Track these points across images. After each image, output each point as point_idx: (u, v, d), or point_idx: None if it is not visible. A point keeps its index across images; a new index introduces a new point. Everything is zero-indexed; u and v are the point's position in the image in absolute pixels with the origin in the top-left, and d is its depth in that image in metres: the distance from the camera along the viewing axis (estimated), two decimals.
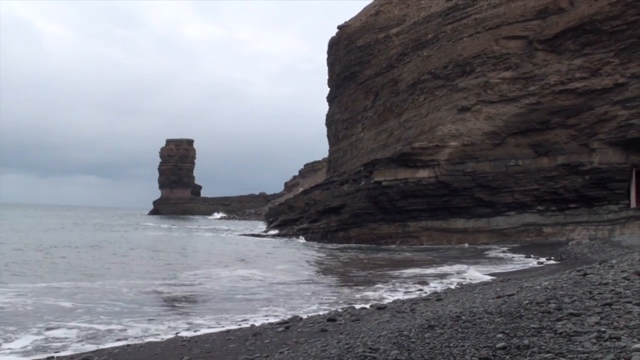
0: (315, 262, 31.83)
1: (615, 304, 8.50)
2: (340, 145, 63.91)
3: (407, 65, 52.80)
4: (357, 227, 48.99)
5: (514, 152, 43.69)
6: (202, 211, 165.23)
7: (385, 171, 46.64)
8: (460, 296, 13.65)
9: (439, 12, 51.27)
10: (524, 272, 22.50)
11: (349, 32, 62.62)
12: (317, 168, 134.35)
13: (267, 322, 13.27)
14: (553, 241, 40.41)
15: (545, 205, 43.43)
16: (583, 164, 41.85)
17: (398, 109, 52.74)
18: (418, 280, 20.98)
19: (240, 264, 28.73)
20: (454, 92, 46.74)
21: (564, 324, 7.66)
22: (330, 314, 13.30)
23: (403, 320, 10.53)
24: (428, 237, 45.37)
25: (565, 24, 41.95)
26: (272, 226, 66.61)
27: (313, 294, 19.02)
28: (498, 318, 8.54)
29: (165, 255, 35.04)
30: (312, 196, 60.07)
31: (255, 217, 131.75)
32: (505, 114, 43.71)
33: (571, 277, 12.14)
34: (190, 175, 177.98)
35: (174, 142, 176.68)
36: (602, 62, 40.64)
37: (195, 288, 20.18)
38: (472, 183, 44.07)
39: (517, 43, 44.26)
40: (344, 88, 63.11)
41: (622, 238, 34.51)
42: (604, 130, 41.20)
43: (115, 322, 14.05)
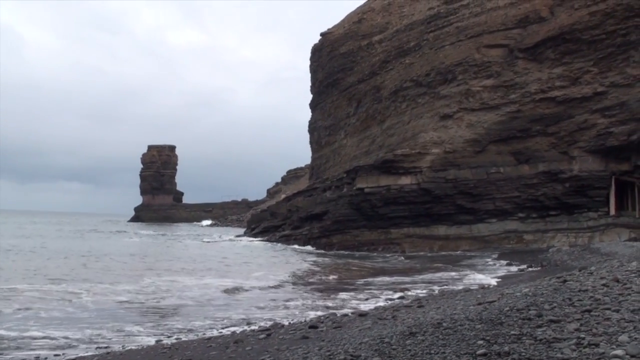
0: (303, 268, 31.77)
1: (594, 311, 8.58)
2: (322, 152, 63.95)
3: (389, 72, 53.03)
4: (339, 234, 49.01)
5: (495, 160, 43.99)
6: (184, 218, 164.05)
7: (367, 178, 46.73)
8: (442, 303, 13.69)
9: (421, 20, 51.58)
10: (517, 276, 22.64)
11: (332, 39, 62.78)
12: (300, 175, 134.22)
13: (249, 329, 13.20)
14: (534, 248, 40.69)
15: (526, 212, 43.75)
16: (563, 171, 42.24)
17: (380, 116, 52.92)
18: (399, 287, 21.02)
19: (212, 272, 28.55)
20: (436, 100, 47.00)
21: (544, 330, 7.72)
22: (312, 321, 13.27)
23: (384, 327, 10.54)
24: (410, 243, 45.50)
25: (546, 33, 42.39)
26: (254, 233, 66.42)
27: (272, 300, 18.98)
28: (479, 325, 8.58)
29: (157, 263, 34.80)
30: (294, 203, 60.03)
31: (238, 223, 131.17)
32: (487, 122, 44.02)
33: (551, 284, 12.23)
34: (172, 181, 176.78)
35: (155, 148, 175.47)
36: (581, 71, 41.10)
37: (166, 297, 20.02)
38: (454, 190, 44.28)
39: (498, 51, 44.64)
40: (326, 95, 63.21)
41: (601, 245, 34.80)
42: (583, 138, 41.63)
43: (89, 329, 13.91)
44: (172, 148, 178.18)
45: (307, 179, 79.96)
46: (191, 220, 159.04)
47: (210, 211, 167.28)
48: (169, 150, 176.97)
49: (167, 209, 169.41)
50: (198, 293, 20.57)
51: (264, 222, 67.31)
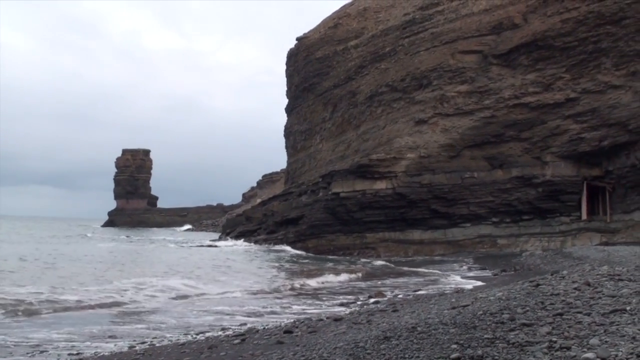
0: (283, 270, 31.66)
1: (566, 314, 8.66)
2: (298, 157, 63.95)
3: (365, 77, 53.26)
4: (315, 238, 49.00)
5: (470, 165, 44.35)
6: (159, 222, 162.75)
7: (343, 182, 46.81)
8: (416, 307, 13.73)
9: (397, 26, 51.93)
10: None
11: (308, 44, 62.89)
12: (276, 179, 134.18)
13: (224, 335, 13.12)
14: (507, 252, 41.06)
15: (500, 217, 44.16)
16: (536, 176, 42.73)
17: (356, 121, 53.10)
18: (374, 291, 21.06)
19: (188, 276, 28.31)
20: (411, 105, 47.30)
21: (516, 334, 7.77)
22: (286, 326, 13.23)
23: (359, 331, 10.54)
24: (385, 248, 45.64)
25: (519, 40, 42.91)
26: (229, 237, 66.10)
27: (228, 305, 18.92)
28: (453, 329, 8.61)
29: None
30: (270, 207, 59.91)
31: (213, 228, 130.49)
32: (461, 127, 44.39)
33: (524, 288, 12.33)
34: (147, 185, 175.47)
35: (130, 152, 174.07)
36: (554, 77, 41.66)
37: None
38: (429, 195, 44.55)
39: (472, 57, 45.08)
40: (302, 99, 63.27)
41: (573, 249, 35.22)
42: (556, 143, 42.17)
43: (57, 334, 13.71)
44: (146, 152, 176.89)
45: (283, 183, 79.89)
46: (165, 225, 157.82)
47: (185, 216, 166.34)
48: (144, 154, 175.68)
49: (141, 214, 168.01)
50: (172, 298, 20.39)
51: (240, 226, 67.02)
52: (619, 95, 39.32)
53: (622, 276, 12.90)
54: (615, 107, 39.45)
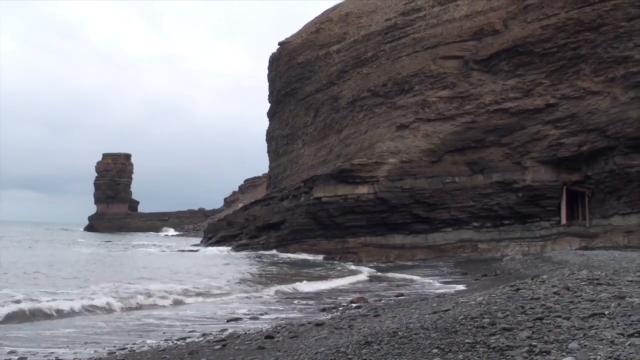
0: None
1: (545, 319, 8.72)
2: (280, 161, 63.91)
3: (347, 82, 53.39)
4: (296, 243, 48.95)
5: (451, 170, 44.58)
6: (140, 227, 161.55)
7: (325, 187, 46.84)
8: (398, 312, 13.75)
9: (379, 31, 52.14)
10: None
11: (290, 49, 62.92)
12: (257, 184, 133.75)
13: (205, 340, 13.04)
14: (488, 257, 41.28)
15: (481, 221, 44.42)
16: (516, 181, 43.05)
17: (338, 126, 53.19)
18: (356, 296, 21.06)
19: (169, 281, 28.13)
20: (393, 110, 47.47)
21: (497, 338, 7.81)
22: (268, 331, 13.19)
23: (341, 336, 10.53)
24: (367, 252, 45.69)
25: (500, 46, 43.26)
26: (210, 242, 65.84)
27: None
28: (434, 333, 8.64)
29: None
30: (251, 212, 59.77)
31: (194, 232, 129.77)
32: (442, 132, 44.63)
33: (504, 292, 12.41)
34: (128, 190, 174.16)
35: (110, 156, 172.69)
36: (534, 83, 42.04)
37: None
38: (410, 199, 44.71)
39: (453, 63, 45.36)
40: (284, 104, 63.26)
41: (553, 254, 35.52)
42: (536, 149, 42.53)
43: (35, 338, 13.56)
44: (127, 156, 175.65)
45: (265, 188, 79.77)
46: (146, 230, 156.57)
47: (166, 220, 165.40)
48: (125, 158, 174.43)
49: (121, 218, 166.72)
50: (151, 303, 20.24)
51: (221, 231, 66.80)
52: (598, 101, 39.76)
53: (601, 280, 13.04)
54: (594, 112, 39.89)
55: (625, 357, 6.46)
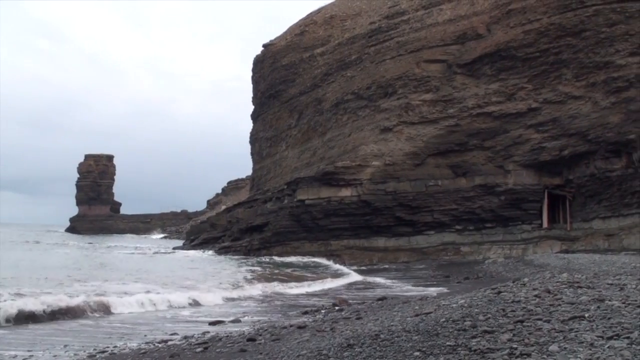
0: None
1: (526, 321, 8.78)
2: (264, 163, 63.80)
3: (331, 85, 53.43)
4: (279, 246, 48.86)
5: (434, 173, 44.75)
6: (122, 229, 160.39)
7: (308, 190, 46.82)
8: (380, 314, 13.77)
9: (363, 34, 52.26)
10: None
11: (274, 51, 62.86)
12: (241, 186, 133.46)
13: (186, 343, 12.99)
14: (470, 260, 41.49)
15: (463, 224, 44.62)
16: (499, 184, 43.31)
17: (322, 128, 53.21)
18: (339, 298, 21.06)
19: (151, 284, 27.95)
20: (377, 113, 47.58)
21: (478, 341, 7.85)
22: (250, 334, 13.15)
23: (323, 339, 10.53)
24: (350, 255, 45.72)
25: (483, 50, 43.52)
26: (193, 244, 65.56)
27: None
28: (415, 336, 8.66)
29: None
30: (234, 214, 59.59)
31: (177, 235, 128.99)
32: (426, 135, 44.80)
33: (486, 295, 12.47)
34: (110, 191, 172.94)
35: (93, 157, 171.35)
36: (516, 87, 42.33)
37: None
38: (393, 202, 44.81)
39: (437, 66, 45.57)
40: (268, 106, 63.18)
41: (534, 257, 35.76)
42: (518, 152, 42.82)
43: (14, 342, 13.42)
44: (109, 158, 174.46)
45: (248, 190, 79.57)
46: (128, 232, 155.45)
47: (149, 222, 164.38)
48: (107, 159, 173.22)
49: (103, 220, 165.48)
50: (133, 306, 20.09)
51: (204, 233, 66.51)
52: (579, 106, 40.12)
53: (581, 283, 13.15)
54: (575, 117, 40.25)
55: (604, 359, 6.52)
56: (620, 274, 17.07)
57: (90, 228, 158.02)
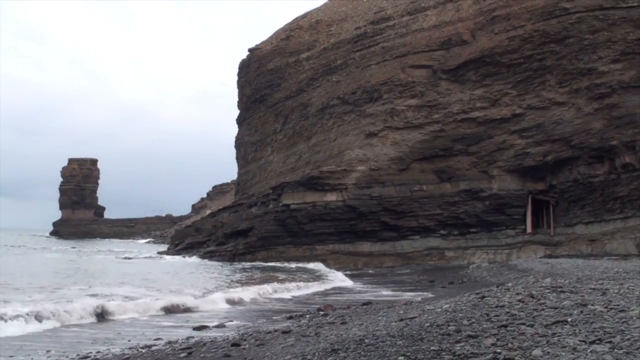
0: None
1: (510, 326, 8.81)
2: (249, 168, 63.69)
3: (316, 89, 53.49)
4: (264, 250, 48.77)
5: (419, 178, 44.90)
6: (105, 233, 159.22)
7: (293, 194, 46.80)
8: (365, 319, 13.77)
9: (348, 39, 52.40)
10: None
11: (260, 55, 62.86)
12: (226, 190, 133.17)
13: (170, 348, 12.91)
14: (455, 264, 41.62)
15: (448, 229, 44.79)
16: (483, 190, 43.53)
17: (307, 133, 53.24)
18: (324, 303, 21.04)
19: (135, 288, 27.79)
20: (362, 118, 47.69)
21: (462, 345, 7.87)
22: (234, 339, 13.10)
23: (307, 344, 10.51)
24: (335, 260, 45.72)
25: (467, 56, 43.78)
26: (177, 249, 65.25)
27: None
28: (400, 341, 8.67)
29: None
30: (219, 218, 59.43)
31: (161, 239, 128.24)
32: (411, 140, 44.95)
33: (470, 300, 12.52)
34: (94, 195, 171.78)
35: (76, 161, 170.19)
36: (500, 93, 42.60)
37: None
38: (379, 207, 44.89)
39: (422, 72, 45.77)
40: (253, 110, 63.12)
41: (518, 261, 35.98)
42: (502, 158, 43.08)
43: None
44: (93, 161, 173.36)
45: (233, 194, 79.36)
46: (112, 236, 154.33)
47: (133, 226, 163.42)
48: (91, 163, 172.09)
49: (87, 224, 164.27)
50: (118, 311, 19.94)
51: (188, 238, 66.24)
52: (562, 112, 40.46)
53: (564, 288, 13.23)
54: (558, 123, 40.57)
55: None
56: (603, 278, 17.21)
57: (73, 232, 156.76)
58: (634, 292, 12.20)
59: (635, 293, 11.95)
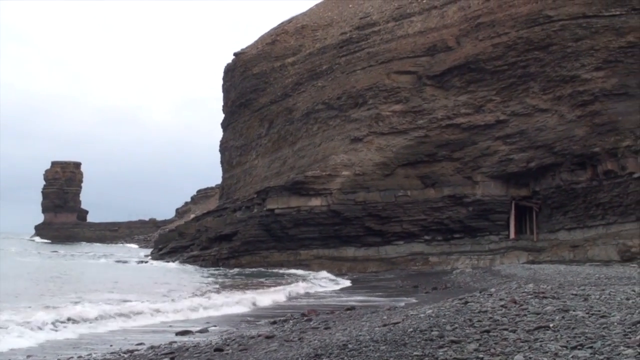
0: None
1: (493, 331, 8.86)
2: (233, 172, 63.53)
3: (301, 94, 53.52)
4: (249, 255, 48.66)
5: (403, 183, 45.01)
6: (88, 237, 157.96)
7: (278, 199, 46.74)
8: (349, 324, 13.78)
9: (334, 45, 52.49)
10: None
11: (245, 60, 62.80)
12: (210, 194, 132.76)
13: (152, 353, 12.83)
14: (439, 270, 41.74)
15: (432, 235, 44.92)
16: (467, 195, 43.71)
17: (292, 138, 53.22)
18: (307, 309, 21.00)
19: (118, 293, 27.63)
20: (347, 123, 47.76)
21: (445, 351, 7.90)
22: (217, 344, 13.05)
23: (291, 349, 10.50)
24: (319, 265, 45.72)
25: (452, 62, 44.00)
26: (161, 253, 64.91)
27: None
28: (383, 346, 8.68)
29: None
30: (203, 223, 59.20)
31: (145, 243, 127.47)
32: (396, 146, 45.06)
33: (453, 305, 12.57)
34: (77, 199, 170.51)
35: (59, 164, 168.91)
36: (485, 100, 42.83)
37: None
38: (363, 212, 44.94)
39: (407, 78, 45.92)
40: (238, 115, 63.02)
41: (501, 267, 36.18)
42: (486, 164, 43.29)
43: None
44: (77, 165, 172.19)
45: (217, 199, 79.12)
46: (95, 240, 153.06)
47: (116, 230, 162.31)
48: (74, 167, 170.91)
49: (70, 228, 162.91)
50: (98, 316, 19.78)
51: (172, 242, 65.90)
52: (546, 119, 40.74)
53: (547, 294, 13.32)
54: (542, 129, 40.85)
55: None
56: (585, 284, 17.36)
57: (56, 236, 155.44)
58: (615, 298, 12.32)
59: (617, 299, 12.07)
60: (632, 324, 8.67)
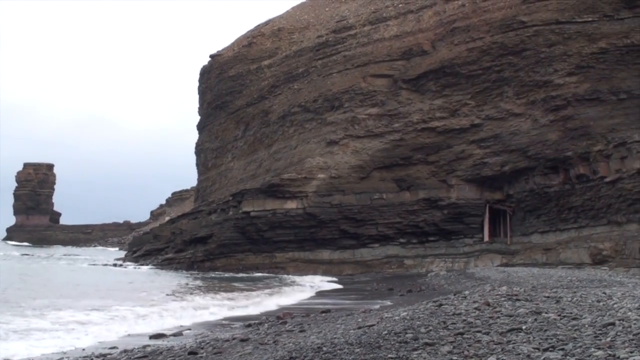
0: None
1: (466, 334, 8.92)
2: (209, 174, 63.22)
3: (278, 97, 53.48)
4: (224, 258, 48.46)
5: (379, 186, 45.18)
6: (61, 240, 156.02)
7: (253, 201, 46.63)
8: (324, 327, 13.78)
9: (310, 47, 52.55)
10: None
11: (221, 62, 62.58)
12: (185, 197, 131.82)
13: (125, 357, 12.70)
14: (413, 273, 41.92)
15: (407, 238, 45.13)
16: (442, 199, 44.00)
17: (268, 140, 53.15)
18: (283, 312, 20.97)
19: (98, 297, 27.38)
20: (323, 126, 47.83)
21: (419, 353, 7.93)
22: (191, 347, 12.96)
23: (265, 352, 10.47)
24: (295, 267, 45.69)
25: (428, 66, 44.30)
26: (135, 256, 64.35)
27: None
28: (358, 349, 8.69)
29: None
30: (178, 225, 58.81)
31: (119, 246, 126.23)
32: (371, 149, 45.23)
33: (428, 308, 12.63)
34: (49, 201, 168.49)
35: (32, 166, 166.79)
36: (460, 104, 43.17)
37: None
38: (339, 215, 45.02)
39: (383, 81, 46.14)
40: (214, 117, 62.76)
41: (476, 270, 36.45)
42: (461, 167, 43.63)
43: None
44: (50, 166, 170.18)
45: (193, 201, 78.66)
46: (68, 243, 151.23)
47: (90, 233, 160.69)
48: (47, 168, 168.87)
49: (42, 230, 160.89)
50: (72, 320, 19.55)
51: (147, 244, 65.38)
52: (519, 123, 41.17)
53: (520, 296, 13.45)
54: (515, 134, 41.27)
55: None
56: (557, 287, 17.56)
57: (28, 238, 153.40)
58: (586, 300, 12.48)
59: (588, 301, 12.23)
60: (603, 325, 8.79)
